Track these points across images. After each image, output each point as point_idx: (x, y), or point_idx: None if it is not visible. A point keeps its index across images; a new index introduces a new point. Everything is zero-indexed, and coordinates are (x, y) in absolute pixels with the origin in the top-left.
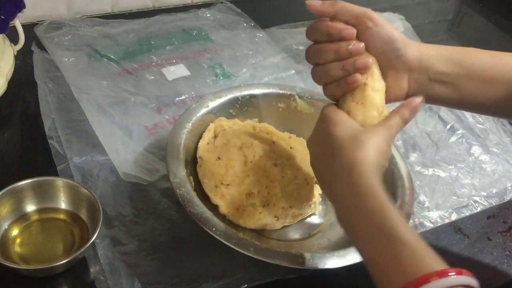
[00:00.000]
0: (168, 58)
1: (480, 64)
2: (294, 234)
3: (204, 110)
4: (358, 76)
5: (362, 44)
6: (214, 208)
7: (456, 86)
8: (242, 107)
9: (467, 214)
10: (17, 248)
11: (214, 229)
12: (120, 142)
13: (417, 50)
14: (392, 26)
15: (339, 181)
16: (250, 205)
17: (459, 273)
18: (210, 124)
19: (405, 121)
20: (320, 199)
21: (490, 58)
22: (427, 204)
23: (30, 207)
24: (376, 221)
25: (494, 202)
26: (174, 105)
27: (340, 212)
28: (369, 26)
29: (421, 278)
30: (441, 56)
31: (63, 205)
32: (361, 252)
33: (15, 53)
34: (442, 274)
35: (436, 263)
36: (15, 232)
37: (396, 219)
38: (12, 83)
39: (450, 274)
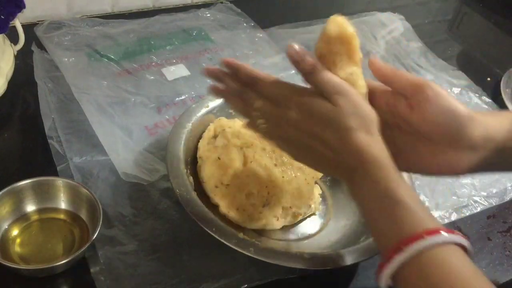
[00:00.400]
0: (168, 58)
1: None
2: (294, 234)
3: (204, 110)
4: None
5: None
6: (214, 208)
7: None
8: None
9: (467, 214)
10: (17, 248)
11: (214, 229)
12: (120, 142)
13: (484, 126)
14: (455, 98)
15: (347, 157)
16: (250, 205)
17: (450, 232)
18: (210, 124)
19: None
20: (320, 199)
21: None
22: (427, 204)
23: (30, 207)
24: (379, 189)
25: (494, 202)
26: (174, 105)
27: (348, 185)
28: (429, 95)
29: (414, 235)
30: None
31: (63, 205)
32: (367, 220)
33: (15, 53)
34: (433, 232)
35: (431, 222)
36: (15, 232)
37: (397, 184)
38: (12, 83)
39: (442, 232)
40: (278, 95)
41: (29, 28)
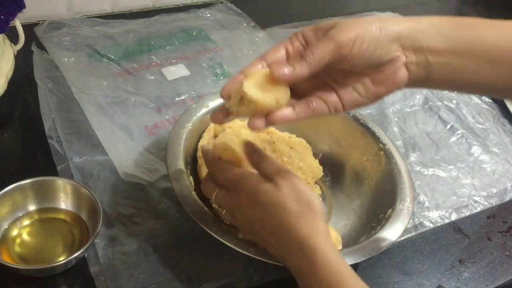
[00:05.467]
0: (168, 58)
1: (485, 40)
2: None
3: (204, 110)
4: None
5: None
6: (214, 208)
7: (457, 67)
8: None
9: (467, 214)
10: (17, 248)
11: (214, 229)
12: (120, 142)
13: (399, 25)
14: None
15: (292, 252)
16: None
17: None
18: (210, 124)
19: None
20: (320, 199)
21: (497, 32)
22: (427, 204)
23: (30, 207)
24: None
25: (494, 202)
26: (174, 105)
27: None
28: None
29: None
30: (435, 32)
31: (63, 205)
32: None
33: (15, 53)
34: None
35: None
36: (15, 232)
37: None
38: (12, 83)
39: None
40: (229, 183)
41: (29, 28)
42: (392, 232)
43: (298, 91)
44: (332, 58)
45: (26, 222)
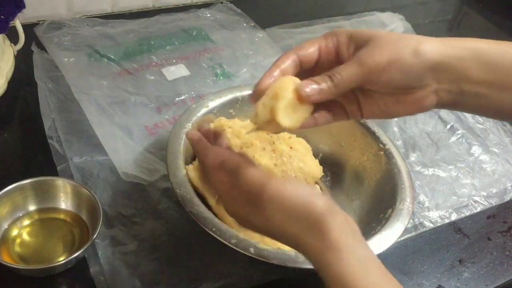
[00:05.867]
0: (168, 58)
1: None
2: None
3: (204, 110)
4: None
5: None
6: None
7: (492, 97)
8: (242, 107)
9: (467, 214)
10: (17, 248)
11: (214, 229)
12: (120, 142)
13: (437, 51)
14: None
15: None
16: None
17: None
18: (210, 124)
19: None
20: None
21: None
22: (427, 204)
23: (30, 207)
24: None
25: (494, 202)
26: (174, 105)
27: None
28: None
29: None
30: (476, 60)
31: (63, 205)
32: None
33: (15, 53)
34: None
35: None
36: (15, 232)
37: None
38: (12, 83)
39: None
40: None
41: (29, 28)
42: (392, 232)
43: None
44: (360, 82)
45: (26, 222)
